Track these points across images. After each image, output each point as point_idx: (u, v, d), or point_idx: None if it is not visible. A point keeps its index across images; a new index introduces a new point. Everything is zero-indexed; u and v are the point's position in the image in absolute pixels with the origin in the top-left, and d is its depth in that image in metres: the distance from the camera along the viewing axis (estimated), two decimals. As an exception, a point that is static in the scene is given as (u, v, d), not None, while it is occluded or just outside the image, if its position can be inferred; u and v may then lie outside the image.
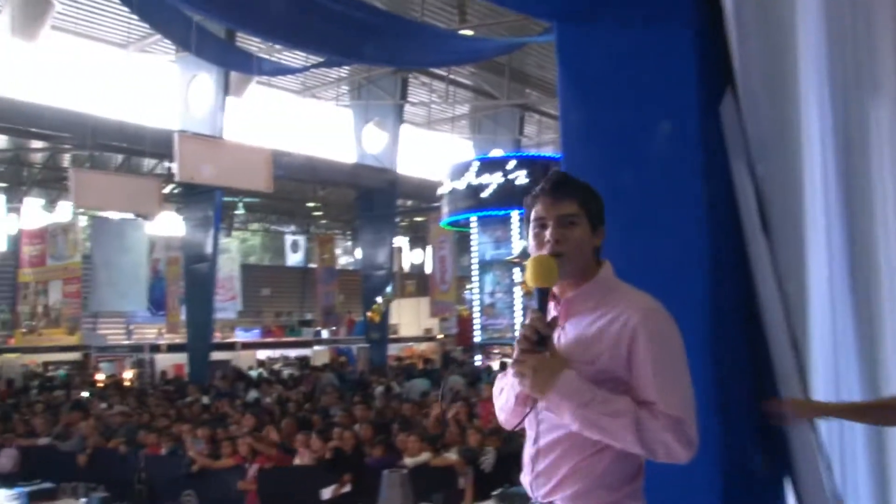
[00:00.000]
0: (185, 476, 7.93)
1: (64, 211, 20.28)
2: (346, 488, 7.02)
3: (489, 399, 4.57)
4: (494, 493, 5.74)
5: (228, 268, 22.08)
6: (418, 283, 29.37)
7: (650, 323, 1.77)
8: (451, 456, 7.06)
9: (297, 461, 7.60)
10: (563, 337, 1.87)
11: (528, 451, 1.92)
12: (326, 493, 6.95)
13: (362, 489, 6.82)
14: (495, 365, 15.75)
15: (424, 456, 7.15)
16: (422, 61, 11.80)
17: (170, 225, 20.22)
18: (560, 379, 1.74)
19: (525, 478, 1.92)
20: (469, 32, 14.95)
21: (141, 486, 8.29)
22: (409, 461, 7.04)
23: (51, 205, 21.50)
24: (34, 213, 21.64)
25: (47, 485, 8.26)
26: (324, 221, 29.54)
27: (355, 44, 8.17)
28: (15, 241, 20.95)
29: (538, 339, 1.77)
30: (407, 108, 21.57)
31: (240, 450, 7.87)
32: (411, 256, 32.54)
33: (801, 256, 2.55)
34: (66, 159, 19.41)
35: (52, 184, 21.04)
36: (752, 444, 2.61)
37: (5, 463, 9.51)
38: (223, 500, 7.51)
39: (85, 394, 13.89)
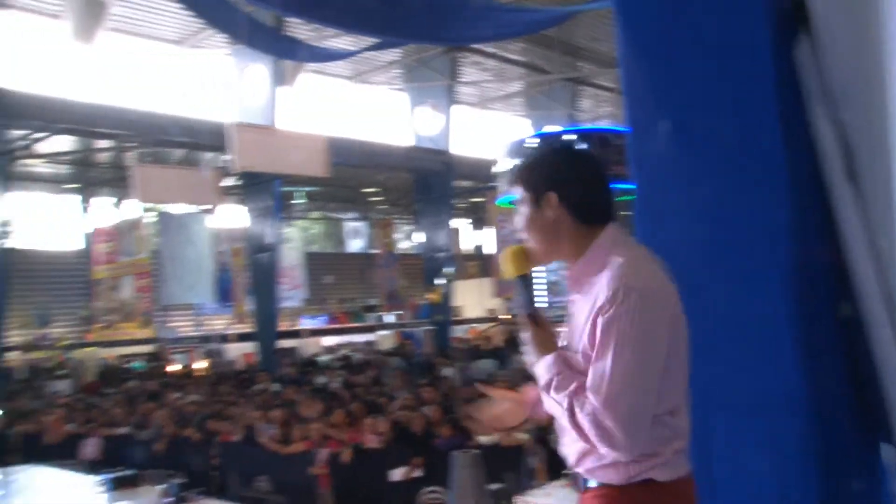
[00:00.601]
0: (255, 461, 8.05)
1: (132, 208, 20.79)
2: (417, 472, 7.01)
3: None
4: (566, 471, 5.64)
5: (292, 257, 22.35)
6: (481, 264, 29.28)
7: (612, 305, 1.64)
8: (522, 435, 6.97)
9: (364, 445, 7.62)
10: (574, 314, 1.83)
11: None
12: (396, 474, 6.95)
13: (432, 471, 6.80)
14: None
15: (495, 436, 7.09)
16: (470, 37, 11.63)
17: (233, 217, 20.58)
18: (542, 359, 1.76)
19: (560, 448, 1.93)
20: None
21: (215, 472, 8.45)
22: (480, 440, 6.98)
23: (120, 203, 22.10)
24: (105, 211, 22.32)
25: (129, 472, 8.53)
26: (383, 207, 29.65)
27: (403, 22, 8.09)
28: (89, 240, 21.70)
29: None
30: (461, 88, 21.41)
31: (311, 435, 7.94)
32: (473, 237, 32.46)
33: (894, 208, 2.36)
34: (131, 158, 19.89)
35: (120, 182, 21.61)
36: (845, 409, 2.44)
37: (90, 451, 9.86)
38: (296, 485, 7.58)
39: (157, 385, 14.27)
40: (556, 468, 6.32)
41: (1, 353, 14.87)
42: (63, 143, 18.26)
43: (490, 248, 24.67)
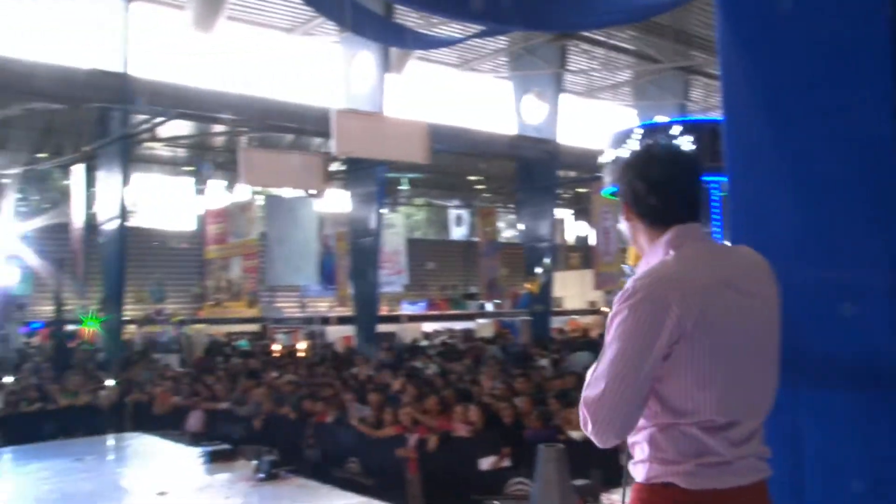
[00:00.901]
0: (347, 442, 8.18)
1: (242, 191, 21.59)
2: (506, 462, 6.95)
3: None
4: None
5: (395, 242, 22.61)
6: (583, 255, 28.85)
7: (618, 302, 1.72)
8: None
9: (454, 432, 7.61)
10: None
11: None
12: (484, 463, 6.92)
13: (520, 462, 6.72)
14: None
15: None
16: (579, 24, 11.36)
17: (338, 201, 21.02)
18: None
19: None
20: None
21: (309, 451, 8.65)
22: (571, 435, 6.85)
23: (232, 186, 22.98)
24: (218, 194, 23.27)
25: (226, 446, 8.86)
26: (487, 195, 29.63)
27: (510, 9, 7.96)
28: (202, 221, 22.69)
29: None
30: (567, 77, 21.06)
31: (402, 420, 8.00)
32: (576, 228, 32.06)
33: None
34: (243, 142, 20.62)
35: (232, 166, 22.47)
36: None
37: (194, 423, 10.30)
38: (385, 468, 7.66)
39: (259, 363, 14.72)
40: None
41: (120, 326, 15.76)
42: (181, 127, 19.11)
43: (593, 239, 24.22)
